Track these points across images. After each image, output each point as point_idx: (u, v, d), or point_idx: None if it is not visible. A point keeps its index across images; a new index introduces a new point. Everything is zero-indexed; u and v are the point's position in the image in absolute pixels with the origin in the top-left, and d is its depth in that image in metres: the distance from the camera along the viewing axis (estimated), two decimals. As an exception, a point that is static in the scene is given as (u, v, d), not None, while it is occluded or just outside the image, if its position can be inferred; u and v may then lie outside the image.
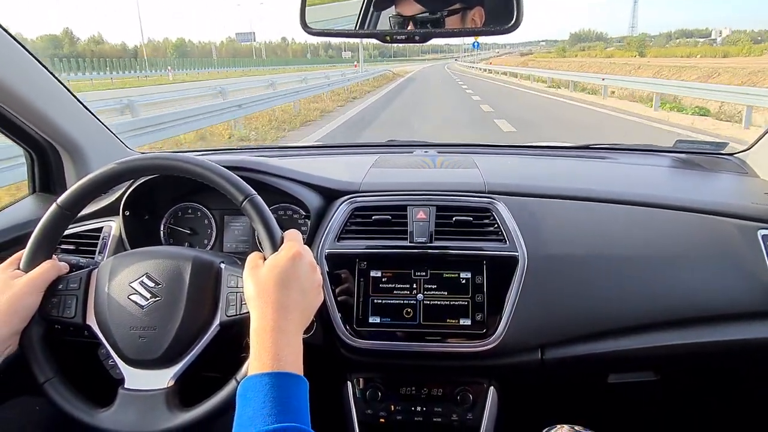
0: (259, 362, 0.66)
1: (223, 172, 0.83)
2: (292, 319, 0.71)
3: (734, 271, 1.08)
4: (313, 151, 1.78)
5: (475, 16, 0.89)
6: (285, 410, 0.62)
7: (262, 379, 0.64)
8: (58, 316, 0.83)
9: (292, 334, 0.70)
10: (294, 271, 0.75)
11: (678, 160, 1.54)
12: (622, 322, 1.06)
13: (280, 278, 0.73)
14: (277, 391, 0.63)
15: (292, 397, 0.64)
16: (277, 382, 0.64)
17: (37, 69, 1.17)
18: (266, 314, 0.70)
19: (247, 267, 0.77)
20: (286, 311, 0.71)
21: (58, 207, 0.85)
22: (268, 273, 0.74)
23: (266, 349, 0.67)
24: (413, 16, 0.91)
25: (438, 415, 1.11)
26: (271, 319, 0.70)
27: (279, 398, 0.62)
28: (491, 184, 1.19)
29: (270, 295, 0.72)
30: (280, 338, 0.68)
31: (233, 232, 1.28)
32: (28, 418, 0.96)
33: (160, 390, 0.80)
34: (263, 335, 0.69)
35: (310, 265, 0.78)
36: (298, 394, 0.65)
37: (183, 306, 0.81)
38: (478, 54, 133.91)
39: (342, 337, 1.03)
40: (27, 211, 1.28)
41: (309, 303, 0.76)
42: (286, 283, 0.73)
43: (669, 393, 1.36)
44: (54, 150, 1.32)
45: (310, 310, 0.77)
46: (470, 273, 1.04)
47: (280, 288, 0.72)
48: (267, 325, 0.69)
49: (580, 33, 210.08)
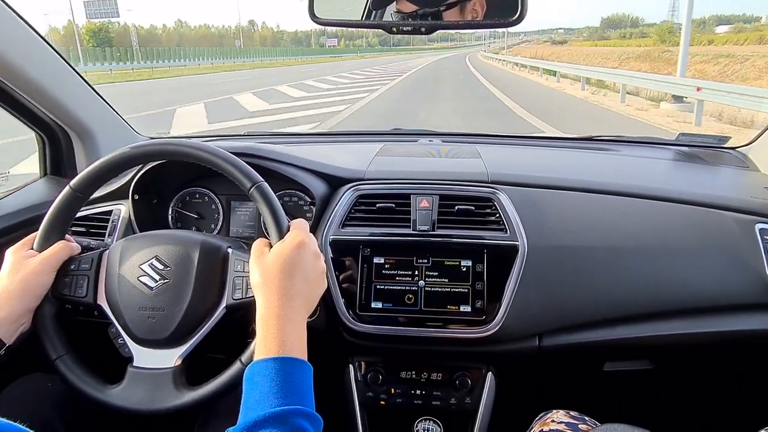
0: (265, 347, 0.68)
1: (233, 159, 0.85)
2: (297, 306, 0.73)
3: (731, 264, 1.10)
4: (319, 139, 1.80)
5: (475, 5, 0.89)
6: (291, 393, 0.64)
7: (268, 364, 0.66)
8: (70, 295, 0.86)
9: (296, 321, 0.72)
10: (298, 260, 0.77)
11: (680, 153, 1.54)
12: (619, 312, 1.08)
13: (284, 266, 0.75)
14: (283, 375, 0.65)
15: (297, 381, 0.66)
16: (283, 367, 0.66)
17: (49, 53, 1.19)
18: (271, 301, 0.72)
19: (253, 254, 0.79)
20: (291, 298, 0.73)
21: (71, 189, 0.87)
22: (273, 261, 0.76)
23: (272, 334, 0.69)
24: (412, 13, 0.92)
25: (437, 399, 1.14)
26: (276, 306, 0.72)
27: (285, 382, 0.65)
28: (494, 173, 1.21)
29: (275, 282, 0.74)
30: (285, 324, 0.70)
31: (239, 216, 1.30)
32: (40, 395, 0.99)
33: (167, 369, 0.82)
34: (269, 321, 0.71)
35: (315, 253, 0.80)
36: (303, 378, 0.67)
37: (191, 288, 0.84)
38: (491, 42, 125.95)
39: (345, 321, 1.06)
40: (39, 193, 1.31)
41: (313, 290, 0.78)
42: (291, 270, 0.75)
43: (664, 382, 1.39)
44: (65, 134, 1.34)
45: (314, 297, 0.79)
46: (471, 261, 1.06)
47: (285, 276, 0.74)
48: (272, 311, 0.71)
49: (613, 18, 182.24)
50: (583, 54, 45.65)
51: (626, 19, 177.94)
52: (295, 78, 23.21)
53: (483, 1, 0.90)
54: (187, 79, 26.81)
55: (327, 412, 0.76)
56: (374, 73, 27.19)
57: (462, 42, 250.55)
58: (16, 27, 1.10)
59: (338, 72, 28.28)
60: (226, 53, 55.18)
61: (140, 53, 39.26)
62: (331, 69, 32.60)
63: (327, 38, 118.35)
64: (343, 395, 1.16)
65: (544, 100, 13.77)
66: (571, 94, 15.41)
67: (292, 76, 24.57)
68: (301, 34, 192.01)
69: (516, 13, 0.86)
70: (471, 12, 0.89)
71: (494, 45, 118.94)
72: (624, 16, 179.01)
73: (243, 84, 20.78)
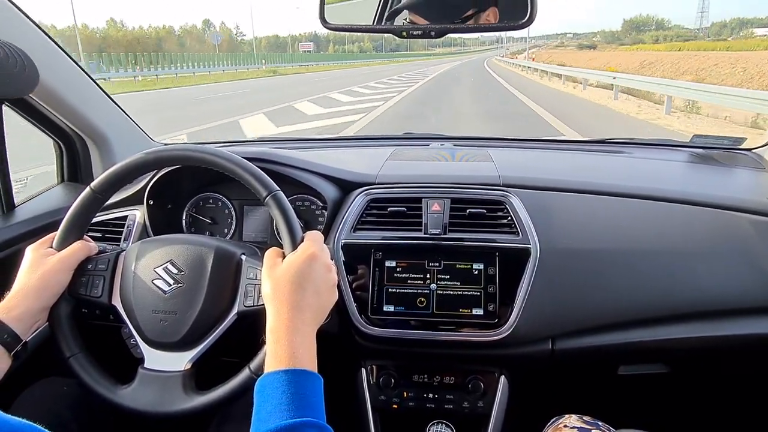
0: (275, 360, 0.69)
1: (249, 167, 0.86)
2: (307, 319, 0.74)
3: (747, 266, 1.08)
4: (330, 144, 1.81)
5: (489, 16, 0.89)
6: (302, 405, 0.64)
7: (279, 376, 0.67)
8: (86, 295, 0.87)
9: (306, 333, 0.73)
10: (309, 272, 0.77)
11: (694, 155, 1.53)
12: (633, 315, 1.07)
13: (295, 278, 0.76)
14: (294, 387, 0.65)
15: (308, 393, 0.66)
16: (294, 379, 0.66)
17: (66, 61, 1.22)
18: (281, 314, 0.73)
19: (265, 265, 0.80)
20: (301, 311, 0.74)
21: (91, 191, 0.89)
22: (284, 273, 0.77)
23: (282, 347, 0.70)
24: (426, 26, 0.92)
25: (449, 403, 1.14)
26: (287, 319, 0.72)
27: (296, 394, 0.65)
28: (506, 177, 1.20)
29: (285, 295, 0.74)
30: (294, 337, 0.71)
31: (253, 221, 1.31)
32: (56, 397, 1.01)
33: (177, 372, 0.83)
34: (279, 334, 0.71)
35: (326, 266, 0.80)
36: (314, 390, 0.68)
37: (204, 293, 0.84)
38: (497, 47, 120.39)
39: (357, 324, 1.06)
40: (56, 199, 1.34)
41: (323, 303, 0.79)
42: (302, 283, 0.76)
43: (680, 386, 1.37)
44: (82, 141, 1.37)
45: (324, 309, 0.79)
46: (483, 264, 1.06)
47: (296, 288, 0.75)
48: (282, 324, 0.72)
49: (636, 20, 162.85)
50: (669, 63, 26.27)
51: (650, 21, 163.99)
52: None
53: (496, 12, 0.90)
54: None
55: (339, 416, 0.76)
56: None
57: (466, 47, 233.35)
58: (36, 37, 1.12)
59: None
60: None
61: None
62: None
63: (300, 43, 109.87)
64: (355, 399, 1.17)
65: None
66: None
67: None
68: (272, 40, 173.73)
69: (526, 16, 0.86)
70: (484, 21, 0.90)
71: (501, 50, 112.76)
72: (648, 18, 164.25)
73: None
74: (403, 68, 43.05)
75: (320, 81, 26.27)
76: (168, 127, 9.69)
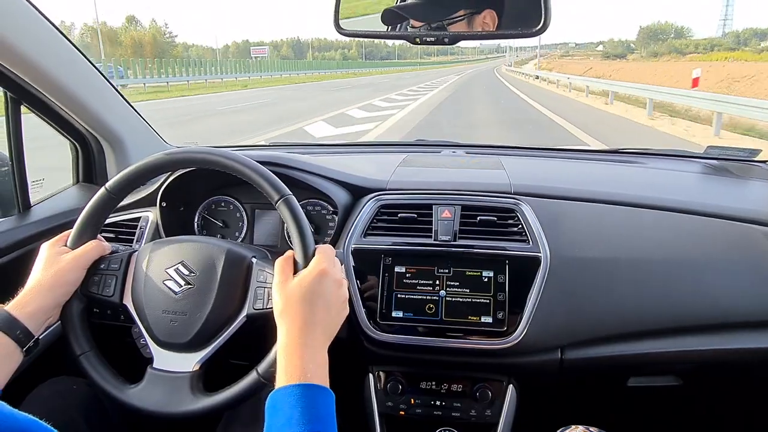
0: (286, 376, 0.69)
1: (262, 170, 0.86)
2: (318, 335, 0.74)
3: (761, 279, 1.07)
4: (342, 149, 1.82)
5: (485, 19, 0.89)
6: (314, 419, 0.65)
7: (290, 391, 0.67)
8: (98, 294, 0.88)
9: (317, 349, 0.73)
10: (320, 288, 0.77)
11: (708, 166, 1.51)
12: (644, 326, 1.06)
13: (305, 295, 0.76)
14: (306, 401, 0.66)
15: (320, 407, 0.67)
16: (305, 392, 0.67)
17: (83, 63, 1.24)
18: (292, 330, 0.73)
19: (276, 279, 0.80)
20: (312, 327, 0.74)
21: (106, 191, 0.90)
22: (295, 289, 0.77)
23: (293, 363, 0.70)
24: (424, 25, 0.93)
25: (457, 410, 1.13)
26: (297, 335, 0.73)
27: (307, 407, 0.65)
28: (517, 185, 1.20)
29: (296, 311, 0.75)
30: (305, 353, 0.71)
31: (264, 225, 1.32)
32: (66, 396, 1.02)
33: (185, 373, 0.84)
34: (290, 350, 0.72)
35: (336, 281, 0.80)
36: (325, 404, 0.68)
37: (214, 295, 0.85)
38: (496, 56, 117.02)
39: (365, 330, 1.06)
40: (71, 199, 1.36)
41: (333, 319, 0.79)
42: (312, 299, 0.76)
43: (691, 399, 1.35)
44: (97, 142, 1.39)
45: (335, 325, 0.79)
46: (493, 272, 1.06)
47: (306, 305, 0.75)
48: (293, 340, 0.73)
49: (653, 27, 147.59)
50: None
51: (669, 29, 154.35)
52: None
53: (494, 14, 0.91)
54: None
55: (346, 422, 0.76)
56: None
57: (464, 56, 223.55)
58: (55, 40, 1.14)
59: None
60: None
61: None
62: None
63: (253, 47, 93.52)
64: (362, 405, 1.16)
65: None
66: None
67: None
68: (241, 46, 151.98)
69: (540, 23, 0.86)
70: (481, 25, 0.90)
71: (504, 58, 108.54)
72: (667, 26, 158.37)
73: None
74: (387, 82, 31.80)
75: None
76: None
